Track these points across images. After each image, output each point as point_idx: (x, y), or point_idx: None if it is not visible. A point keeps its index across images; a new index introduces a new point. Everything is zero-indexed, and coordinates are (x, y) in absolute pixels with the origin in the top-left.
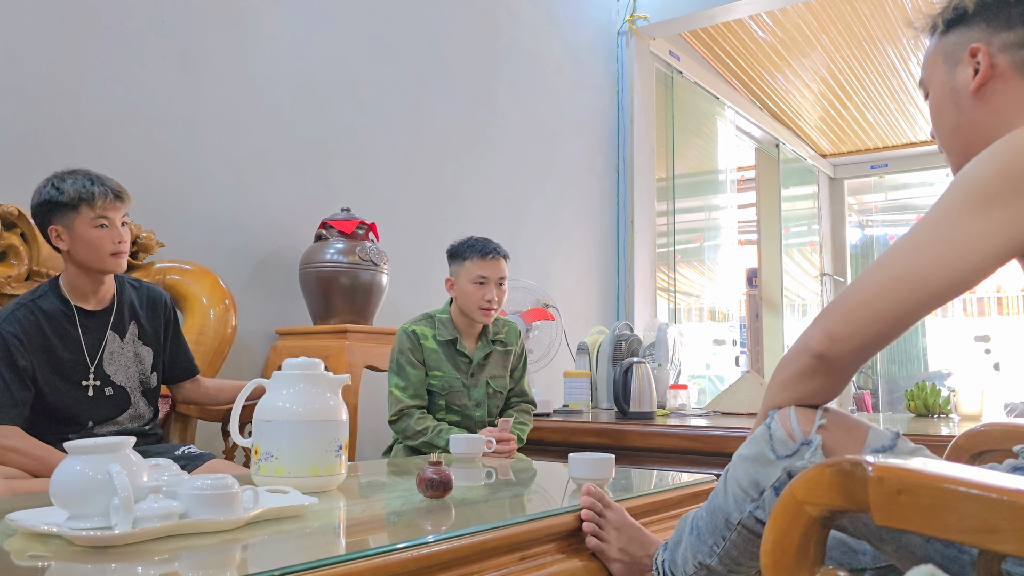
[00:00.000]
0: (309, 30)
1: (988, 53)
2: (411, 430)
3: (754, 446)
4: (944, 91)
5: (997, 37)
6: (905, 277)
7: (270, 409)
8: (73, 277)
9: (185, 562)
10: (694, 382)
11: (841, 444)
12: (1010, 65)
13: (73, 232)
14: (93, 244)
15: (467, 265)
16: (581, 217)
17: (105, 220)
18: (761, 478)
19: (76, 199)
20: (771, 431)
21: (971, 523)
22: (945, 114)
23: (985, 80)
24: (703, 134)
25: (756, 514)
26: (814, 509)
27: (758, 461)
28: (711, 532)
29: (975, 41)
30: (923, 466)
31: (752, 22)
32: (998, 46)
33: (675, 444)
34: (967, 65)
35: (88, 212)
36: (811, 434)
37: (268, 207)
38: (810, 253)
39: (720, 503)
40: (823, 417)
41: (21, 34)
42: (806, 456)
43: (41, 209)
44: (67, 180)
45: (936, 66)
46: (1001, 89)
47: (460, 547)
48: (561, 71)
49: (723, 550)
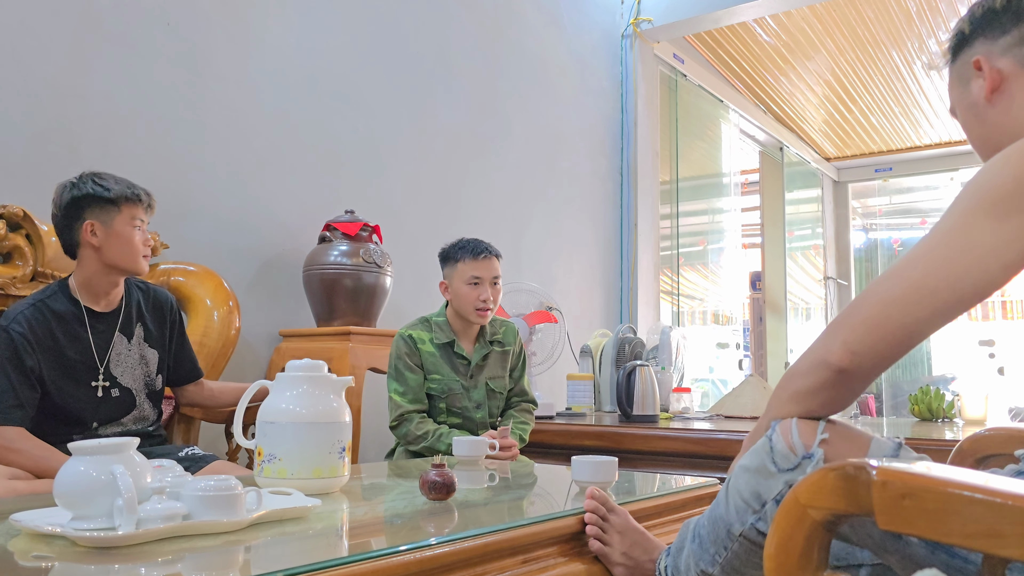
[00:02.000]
0: (314, 33)
1: (990, 60)
2: (412, 435)
3: (755, 457)
4: (966, 108)
5: (996, 45)
6: (923, 287)
7: (273, 411)
8: (91, 276)
9: (188, 563)
10: (697, 385)
11: (843, 455)
12: (1015, 64)
13: (111, 229)
14: (130, 242)
15: (460, 267)
16: (585, 220)
17: (139, 222)
18: (763, 490)
19: (121, 197)
20: (772, 443)
21: (975, 528)
22: (972, 128)
23: (995, 85)
24: (707, 137)
25: (758, 526)
26: (818, 513)
27: (759, 473)
28: (713, 541)
29: (978, 55)
30: (927, 470)
31: (756, 25)
32: (999, 52)
33: (678, 447)
34: (977, 78)
35: (128, 212)
36: (812, 447)
37: (272, 209)
38: (814, 257)
39: (722, 513)
40: (825, 431)
41: (27, 35)
42: (807, 470)
43: (80, 203)
44: (107, 179)
45: (954, 89)
46: (1012, 89)
47: (462, 550)
48: (565, 74)
49: (725, 560)
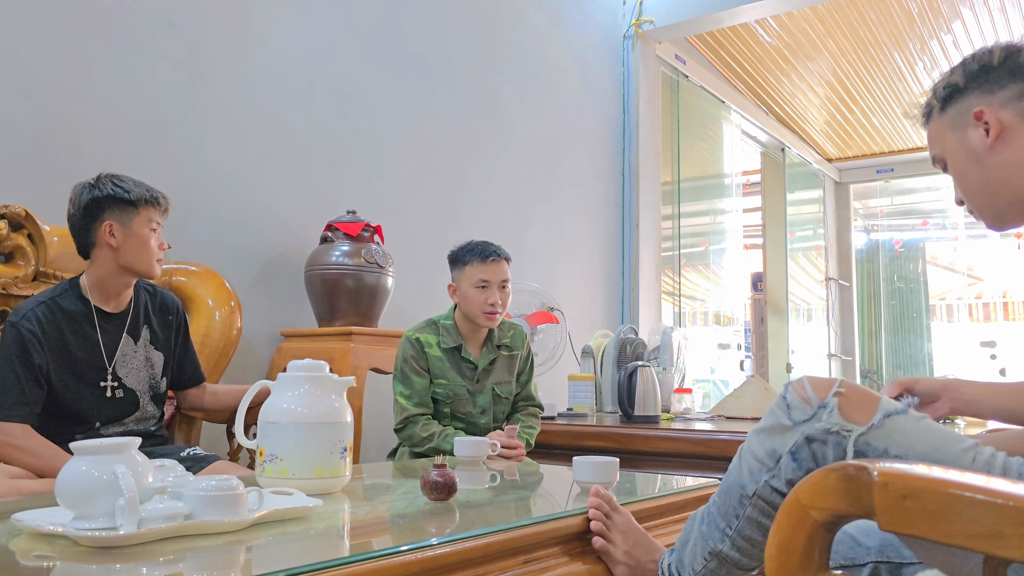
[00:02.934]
0: (316, 33)
1: (992, 111)
2: (417, 437)
3: (770, 418)
4: (962, 155)
5: (995, 97)
6: None
7: (275, 411)
8: (104, 277)
9: (190, 563)
10: (698, 386)
11: (856, 408)
12: (1015, 116)
13: (130, 230)
14: (147, 245)
15: (468, 270)
16: (586, 220)
17: (156, 225)
18: (778, 445)
19: (141, 200)
20: (787, 400)
21: (976, 529)
22: (970, 174)
23: (998, 134)
24: (708, 138)
25: (772, 483)
26: (819, 514)
27: (774, 430)
28: (723, 514)
29: (976, 106)
30: (928, 471)
31: (758, 26)
32: (998, 104)
33: (679, 448)
34: (976, 127)
35: (147, 214)
36: (827, 399)
37: (274, 209)
38: (815, 257)
39: (734, 480)
40: (841, 387)
41: (29, 35)
42: (823, 418)
43: (101, 203)
44: (126, 181)
45: (945, 138)
46: (1013, 139)
47: (464, 550)
48: (567, 75)
49: (736, 529)
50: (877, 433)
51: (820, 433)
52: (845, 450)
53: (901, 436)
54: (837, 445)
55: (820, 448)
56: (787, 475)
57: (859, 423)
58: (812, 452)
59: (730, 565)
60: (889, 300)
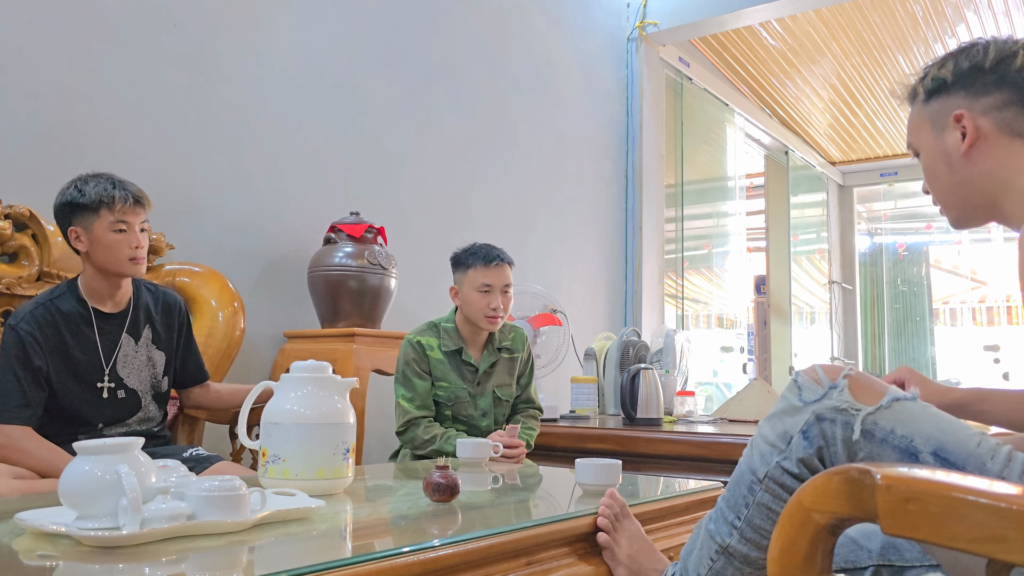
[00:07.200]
0: (319, 34)
1: (971, 117)
2: (419, 439)
3: (781, 402)
4: (936, 154)
5: (978, 103)
6: None
7: (278, 412)
8: (91, 279)
9: (192, 563)
10: (701, 389)
11: (865, 391)
12: (993, 126)
13: (92, 235)
14: (111, 248)
15: (471, 273)
16: (589, 222)
17: (124, 225)
18: (789, 426)
19: (96, 202)
20: (798, 382)
21: (979, 532)
22: (940, 174)
23: (973, 142)
24: (712, 140)
25: (784, 464)
26: (822, 517)
27: (785, 413)
28: (732, 506)
29: (957, 108)
30: (931, 474)
31: (762, 29)
32: (979, 110)
33: (682, 451)
34: (953, 129)
35: (107, 216)
36: (838, 380)
37: (277, 210)
38: (819, 261)
39: (745, 467)
40: (851, 370)
41: (33, 36)
42: (834, 396)
43: (63, 210)
44: (90, 183)
45: (923, 131)
46: (988, 149)
47: (466, 551)
48: (570, 77)
49: (745, 519)
50: (885, 413)
51: (829, 411)
52: (853, 428)
53: (909, 418)
54: (845, 424)
55: (829, 427)
56: (798, 454)
57: (868, 404)
58: (821, 430)
59: (737, 561)
60: (892, 304)
